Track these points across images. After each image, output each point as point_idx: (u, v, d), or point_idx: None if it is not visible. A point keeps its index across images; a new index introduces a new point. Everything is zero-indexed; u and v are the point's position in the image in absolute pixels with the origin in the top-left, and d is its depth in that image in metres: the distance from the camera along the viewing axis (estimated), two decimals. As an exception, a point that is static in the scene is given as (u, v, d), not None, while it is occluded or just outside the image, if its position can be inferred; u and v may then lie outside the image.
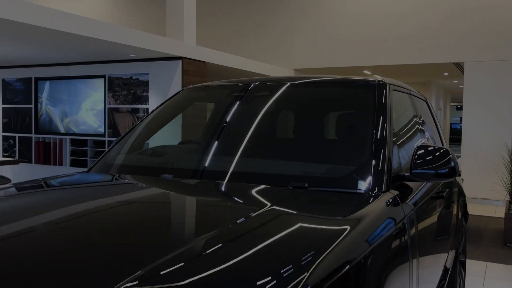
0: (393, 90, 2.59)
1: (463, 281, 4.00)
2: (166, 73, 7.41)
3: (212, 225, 1.57)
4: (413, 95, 3.16)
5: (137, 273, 1.12)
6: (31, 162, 8.76)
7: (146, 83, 7.56)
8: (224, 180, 2.10)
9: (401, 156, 2.32)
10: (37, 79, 8.69)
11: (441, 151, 2.15)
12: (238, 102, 2.62)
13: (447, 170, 2.10)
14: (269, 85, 2.72)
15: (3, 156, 9.08)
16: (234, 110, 2.61)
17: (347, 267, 1.35)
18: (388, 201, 1.90)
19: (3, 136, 9.18)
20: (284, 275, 1.16)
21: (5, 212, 1.78)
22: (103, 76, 7.92)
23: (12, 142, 9.04)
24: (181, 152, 2.77)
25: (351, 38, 10.02)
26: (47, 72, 8.56)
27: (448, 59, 9.18)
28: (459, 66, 9.91)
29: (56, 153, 8.52)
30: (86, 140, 8.22)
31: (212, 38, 11.08)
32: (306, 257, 1.27)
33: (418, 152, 2.12)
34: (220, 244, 1.34)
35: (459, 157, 9.58)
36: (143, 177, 2.31)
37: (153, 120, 2.89)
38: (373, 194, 1.92)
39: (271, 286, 1.11)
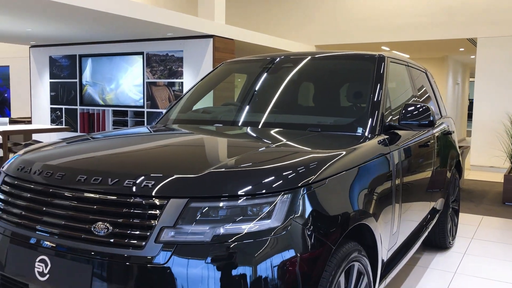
0: (391, 62, 3.30)
1: (456, 226, 4.72)
2: (198, 50, 8.17)
3: (250, 147, 2.38)
4: (411, 67, 3.85)
5: (211, 167, 1.89)
6: (76, 131, 9.72)
7: (180, 59, 8.35)
8: (258, 127, 2.88)
9: (394, 112, 3.04)
10: (81, 56, 9.58)
11: (424, 107, 2.87)
12: (266, 72, 3.40)
13: (427, 121, 2.83)
14: (291, 58, 3.47)
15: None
16: (263, 78, 3.38)
17: (343, 172, 2.12)
18: (379, 140, 2.66)
19: (51, 108, 10.16)
20: (299, 172, 1.92)
21: (111, 139, 2.61)
22: (141, 53, 8.74)
23: (59, 113, 10.00)
24: (224, 110, 3.56)
25: (369, 15, 10.58)
26: (90, 49, 9.43)
27: (462, 35, 9.69)
28: (473, 42, 10.39)
29: (100, 123, 9.44)
30: (127, 111, 9.11)
31: (239, 18, 11.76)
32: (315, 164, 2.03)
33: (406, 108, 2.86)
34: (259, 155, 2.13)
35: (470, 131, 10.15)
36: (200, 126, 3.12)
37: (200, 87, 3.68)
38: (368, 136, 2.67)
39: (291, 177, 1.86)
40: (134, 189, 1.77)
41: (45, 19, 7.04)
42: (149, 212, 1.73)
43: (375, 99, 2.87)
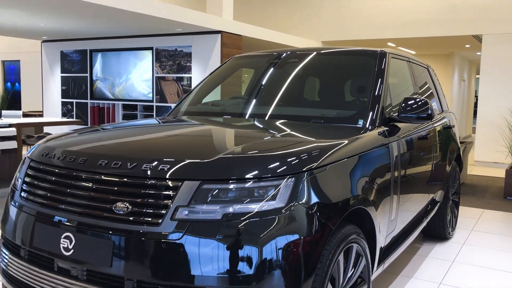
0: (393, 58, 3.45)
1: (456, 217, 4.87)
2: (207, 45, 8.34)
3: (257, 136, 2.55)
4: (412, 63, 3.99)
5: (222, 153, 2.06)
6: (87, 125, 9.93)
7: (189, 55, 8.52)
8: (264, 118, 3.04)
9: (395, 106, 3.19)
10: (91, 51, 9.78)
11: (422, 101, 3.02)
12: (273, 67, 3.56)
13: (425, 114, 2.98)
14: (297, 54, 3.63)
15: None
16: (270, 73, 3.55)
17: (343, 159, 2.28)
18: (379, 132, 2.81)
19: (62, 101, 10.38)
20: (302, 158, 2.08)
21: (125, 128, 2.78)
22: (151, 48, 8.92)
23: (70, 107, 10.22)
24: (232, 103, 3.73)
25: (375, 12, 10.69)
26: (101, 44, 9.62)
27: (467, 32, 9.78)
28: (479, 39, 10.47)
29: (110, 116, 9.64)
30: (137, 105, 9.30)
31: (247, 14, 11.91)
32: (317, 152, 2.19)
33: (405, 102, 3.01)
34: (265, 143, 2.30)
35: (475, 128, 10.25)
36: (210, 118, 3.29)
37: (209, 81, 3.85)
38: (368, 128, 2.82)
39: (295, 163, 2.03)
40: (151, 172, 1.94)
41: (58, 15, 7.23)
42: (165, 193, 1.90)
43: (376, 93, 3.02)
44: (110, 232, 1.92)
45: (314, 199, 2.00)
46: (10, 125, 6.71)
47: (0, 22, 8.02)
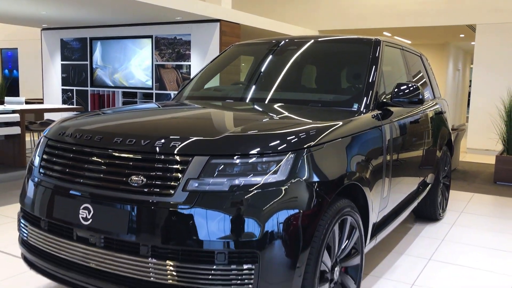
0: (386, 46, 3.63)
1: (446, 200, 5.08)
2: (206, 33, 8.47)
3: (259, 117, 2.73)
4: (406, 51, 4.17)
5: (228, 132, 2.25)
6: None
7: (188, 43, 8.66)
8: (264, 102, 3.22)
9: (388, 91, 3.37)
10: (91, 39, 9.89)
11: (414, 87, 3.21)
12: (272, 54, 3.73)
13: (417, 99, 3.17)
14: (295, 41, 3.80)
15: (62, 107, 10.41)
16: (269, 59, 3.72)
17: (339, 139, 2.46)
18: (373, 115, 3.00)
19: (62, 89, 10.51)
20: (301, 137, 2.27)
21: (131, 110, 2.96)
22: (150, 37, 9.05)
23: (70, 94, 10.35)
24: (233, 88, 3.91)
25: (372, 1, 10.83)
26: (101, 32, 9.74)
27: (461, 22, 9.95)
28: (473, 29, 10.64)
29: (110, 104, 9.79)
30: (136, 92, 9.45)
31: (246, 2, 12.01)
32: (315, 131, 2.37)
33: (398, 87, 3.19)
34: (267, 123, 2.48)
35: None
36: (212, 102, 3.47)
37: (211, 67, 4.01)
38: (363, 111, 3.01)
39: (295, 141, 2.21)
40: (164, 148, 2.13)
41: (59, 2, 7.34)
42: (177, 167, 2.08)
43: (370, 79, 3.20)
44: (126, 202, 2.10)
45: (312, 173, 2.18)
46: (14, 111, 6.86)
47: (2, 9, 8.12)
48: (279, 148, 2.14)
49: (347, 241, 2.53)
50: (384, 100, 3.21)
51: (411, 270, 3.48)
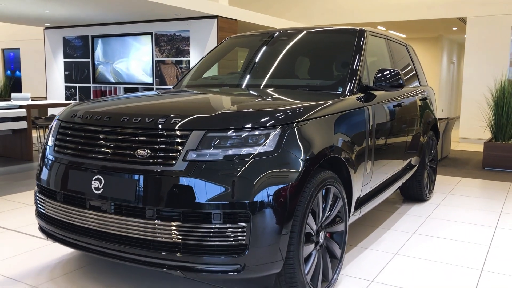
0: (370, 35, 3.91)
1: (433, 182, 5.37)
2: (204, 30, 8.76)
3: (251, 98, 3.01)
4: (390, 40, 4.45)
5: (222, 110, 2.53)
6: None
7: (187, 39, 8.94)
8: (257, 87, 3.51)
9: (371, 75, 3.65)
10: (93, 37, 10.18)
11: (395, 72, 3.49)
12: (266, 45, 4.02)
13: (397, 83, 3.45)
14: (287, 33, 4.08)
15: (65, 103, 10.71)
16: (263, 50, 4.00)
17: (323, 116, 2.75)
18: (357, 97, 3.28)
19: (65, 86, 10.80)
20: (287, 114, 2.55)
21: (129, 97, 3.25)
22: (150, 33, 9.34)
23: (73, 91, 10.65)
24: (230, 77, 4.20)
25: (366, -4, 11.11)
26: (102, 30, 10.02)
27: (452, 15, 10.23)
28: (464, 21, 10.90)
29: (112, 99, 10.08)
30: (137, 88, 9.74)
31: (241, -1, 12.29)
32: (301, 109, 2.66)
33: (380, 72, 3.47)
34: (257, 103, 2.77)
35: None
36: (210, 89, 3.75)
37: (208, 59, 4.30)
38: (347, 94, 3.29)
39: (282, 117, 2.49)
40: (166, 124, 2.41)
41: (62, 1, 7.62)
42: (178, 140, 2.36)
43: (355, 65, 3.48)
44: (134, 172, 2.39)
45: (298, 146, 2.47)
46: (20, 107, 7.15)
47: (7, 9, 8.40)
48: (268, 123, 2.42)
49: (331, 209, 2.82)
50: (368, 84, 3.49)
51: (395, 242, 3.77)
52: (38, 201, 2.87)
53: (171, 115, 2.46)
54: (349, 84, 3.36)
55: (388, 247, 3.65)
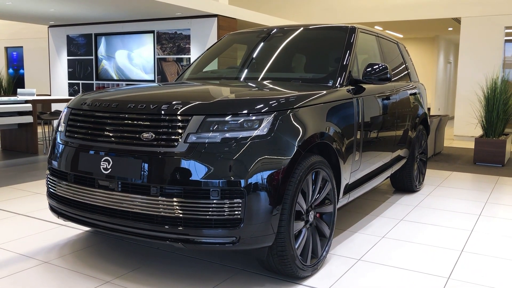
0: (361, 32, 4.15)
1: (423, 174, 5.60)
2: (204, 28, 9.00)
3: (247, 89, 3.25)
4: (381, 37, 4.69)
5: (220, 97, 2.77)
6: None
7: (188, 37, 9.18)
8: (254, 80, 3.75)
9: (361, 70, 3.89)
10: (96, 35, 10.42)
11: (383, 66, 3.72)
12: (263, 41, 4.26)
13: (385, 77, 3.69)
14: (284, 29, 4.32)
15: (68, 100, 10.95)
16: (260, 46, 4.24)
17: (314, 105, 2.98)
18: (347, 90, 3.52)
19: (68, 83, 11.04)
20: (280, 102, 2.79)
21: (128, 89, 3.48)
22: (152, 32, 9.58)
23: (76, 88, 10.89)
24: (228, 71, 4.44)
25: (363, -3, 11.34)
26: (105, 28, 10.26)
27: (447, 15, 10.47)
28: (459, 22, 11.14)
29: (114, 96, 10.32)
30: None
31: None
32: (294, 98, 2.89)
33: (370, 66, 3.71)
34: (253, 92, 3.01)
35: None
36: (210, 81, 3.99)
37: (208, 54, 4.54)
38: (337, 86, 3.52)
39: (275, 105, 2.73)
40: (169, 110, 2.65)
41: (67, 0, 7.86)
42: (179, 124, 2.60)
43: (345, 60, 3.72)
44: (139, 154, 2.62)
45: (289, 130, 2.70)
46: (26, 101, 7.39)
47: (12, 8, 8.64)
48: (262, 110, 2.66)
49: (320, 191, 3.05)
50: (357, 78, 3.73)
51: (383, 227, 4.01)
52: (49, 183, 3.11)
53: (174, 102, 2.70)
54: (339, 77, 3.59)
55: (376, 231, 3.89)
